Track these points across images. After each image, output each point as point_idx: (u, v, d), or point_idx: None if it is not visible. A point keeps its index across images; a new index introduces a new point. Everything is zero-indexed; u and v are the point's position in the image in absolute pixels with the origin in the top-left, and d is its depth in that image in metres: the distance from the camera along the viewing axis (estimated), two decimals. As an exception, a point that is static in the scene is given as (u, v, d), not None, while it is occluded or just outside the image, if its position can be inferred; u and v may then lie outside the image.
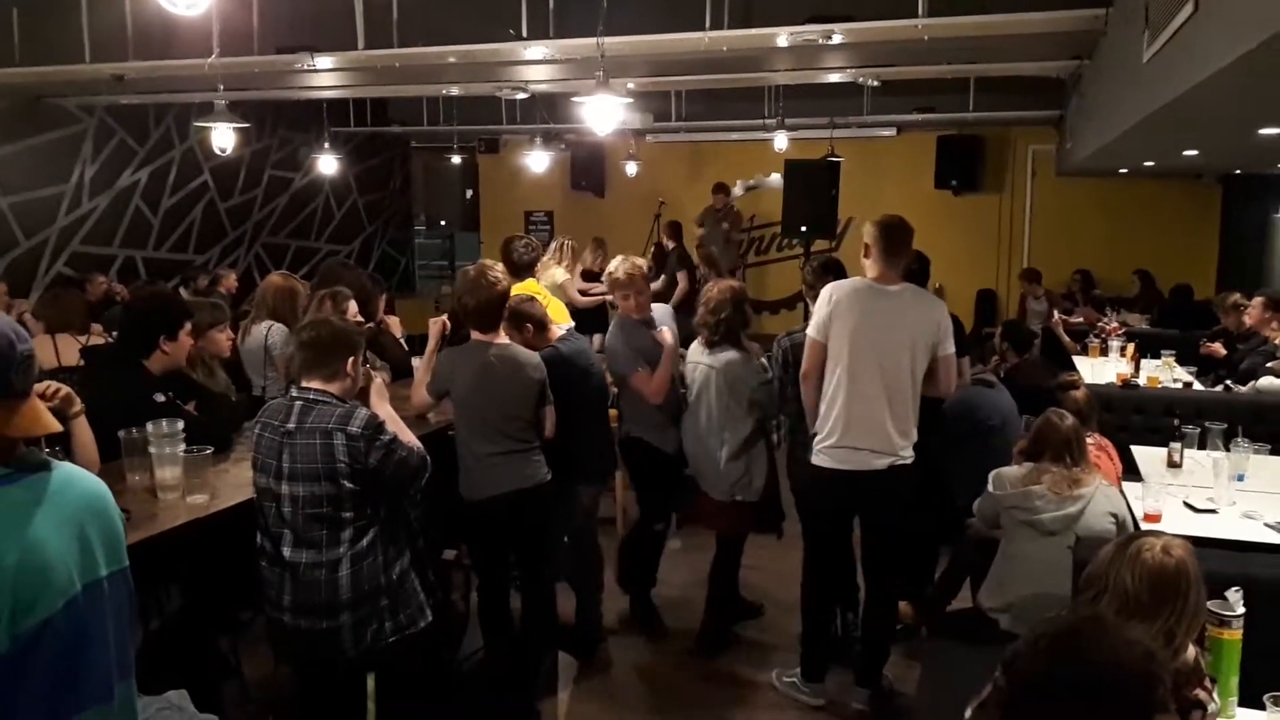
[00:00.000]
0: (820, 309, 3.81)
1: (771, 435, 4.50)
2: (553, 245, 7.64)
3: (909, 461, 3.78)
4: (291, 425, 2.92)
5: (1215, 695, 2.22)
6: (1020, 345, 6.21)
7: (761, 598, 4.91)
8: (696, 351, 4.42)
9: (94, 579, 1.63)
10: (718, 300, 4.32)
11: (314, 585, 2.94)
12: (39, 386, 2.93)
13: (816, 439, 3.83)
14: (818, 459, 3.82)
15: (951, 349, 3.81)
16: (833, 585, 4.11)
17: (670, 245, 9.70)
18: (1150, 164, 7.78)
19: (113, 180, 9.06)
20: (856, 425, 3.72)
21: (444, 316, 4.16)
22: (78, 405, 2.95)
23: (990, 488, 3.65)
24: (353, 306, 4.53)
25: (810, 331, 3.85)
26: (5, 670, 1.49)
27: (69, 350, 5.09)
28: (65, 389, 2.98)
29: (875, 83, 7.72)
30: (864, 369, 3.71)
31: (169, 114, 9.42)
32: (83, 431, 3.04)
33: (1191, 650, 2.23)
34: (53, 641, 1.54)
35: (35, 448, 1.67)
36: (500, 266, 3.95)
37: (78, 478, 1.68)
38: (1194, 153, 6.26)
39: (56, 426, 1.75)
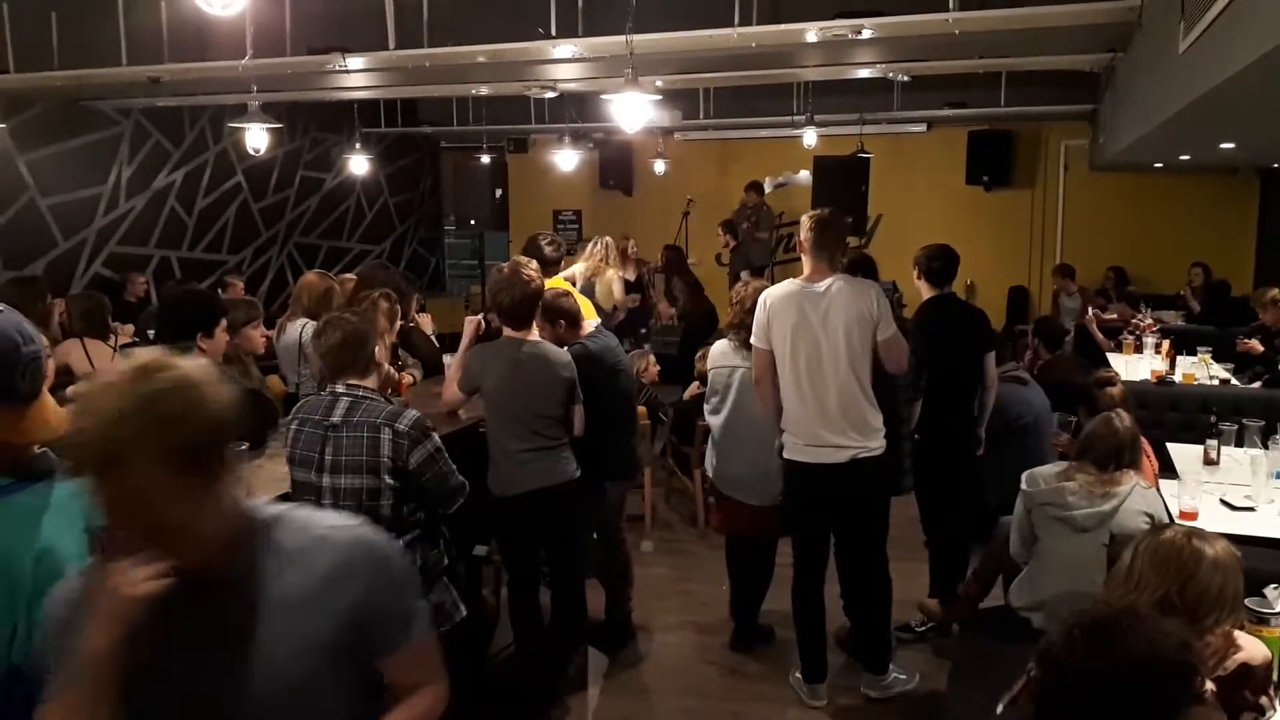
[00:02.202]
0: (758, 317, 3.89)
1: None
2: (593, 246, 7.73)
3: (875, 453, 3.81)
4: (337, 419, 2.98)
5: (1276, 703, 2.19)
6: (1052, 342, 6.16)
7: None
8: (728, 354, 4.37)
9: None
10: (753, 300, 4.27)
11: (348, 580, 2.97)
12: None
13: (784, 435, 3.90)
14: (787, 453, 3.90)
15: (891, 330, 3.80)
16: (816, 584, 4.06)
17: (732, 244, 9.65)
18: (1186, 158, 7.67)
19: (149, 181, 9.18)
20: (812, 422, 3.78)
21: (480, 315, 4.18)
22: None
23: (1024, 486, 3.61)
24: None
25: (754, 341, 3.92)
26: (22, 682, 1.45)
27: (99, 353, 5.15)
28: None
29: (905, 78, 7.67)
30: (808, 367, 3.77)
31: (204, 116, 9.54)
32: None
33: (1261, 652, 2.20)
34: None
35: (48, 450, 1.61)
36: (534, 264, 3.98)
37: None
38: (1231, 145, 6.16)
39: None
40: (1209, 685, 2.06)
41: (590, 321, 4.41)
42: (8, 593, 1.44)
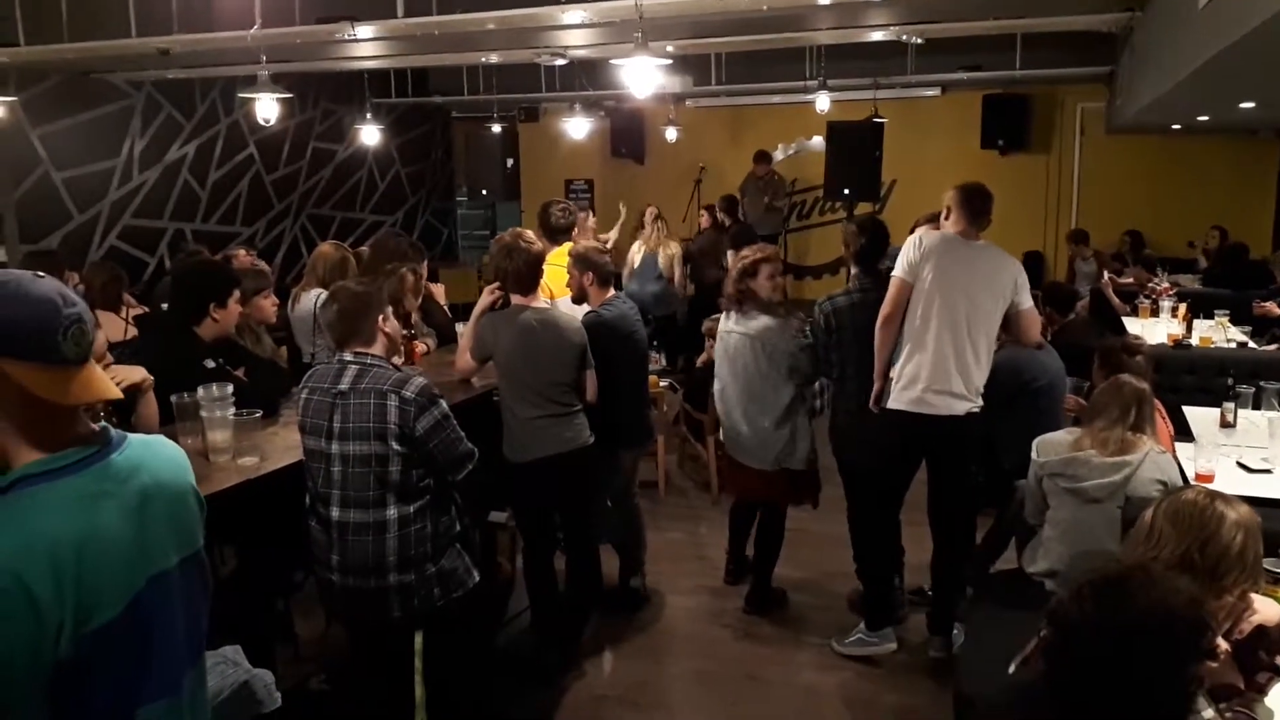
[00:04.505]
0: (908, 252, 3.88)
1: (813, 401, 4.48)
2: (652, 221, 8.00)
3: (979, 409, 3.86)
4: (345, 386, 2.99)
5: None
6: (1062, 307, 6.11)
7: (806, 562, 4.92)
8: (725, 322, 4.44)
9: (162, 570, 1.53)
10: (742, 267, 4.35)
11: (361, 546, 3.01)
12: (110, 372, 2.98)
13: (895, 383, 3.88)
14: (896, 403, 3.88)
15: (1030, 302, 3.96)
16: (894, 535, 4.17)
17: (727, 222, 9.62)
18: (1204, 119, 7.55)
19: (161, 154, 9.20)
20: (943, 370, 3.80)
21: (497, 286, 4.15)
22: (148, 380, 2.98)
23: (1034, 455, 3.59)
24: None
25: (898, 272, 3.89)
26: (69, 674, 1.38)
27: (110, 324, 5.18)
28: (137, 374, 3.02)
29: (919, 40, 7.56)
30: (954, 315, 3.80)
31: (214, 88, 9.53)
32: (149, 406, 3.10)
33: (1277, 612, 2.20)
34: (117, 641, 1.44)
35: (107, 426, 1.53)
36: (530, 233, 4.01)
37: (150, 457, 1.56)
38: (1251, 105, 6.06)
39: (115, 393, 1.55)
40: (1223, 645, 2.06)
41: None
42: (55, 586, 1.36)
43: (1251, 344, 6.67)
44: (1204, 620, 1.57)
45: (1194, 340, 6.49)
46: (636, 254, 8.19)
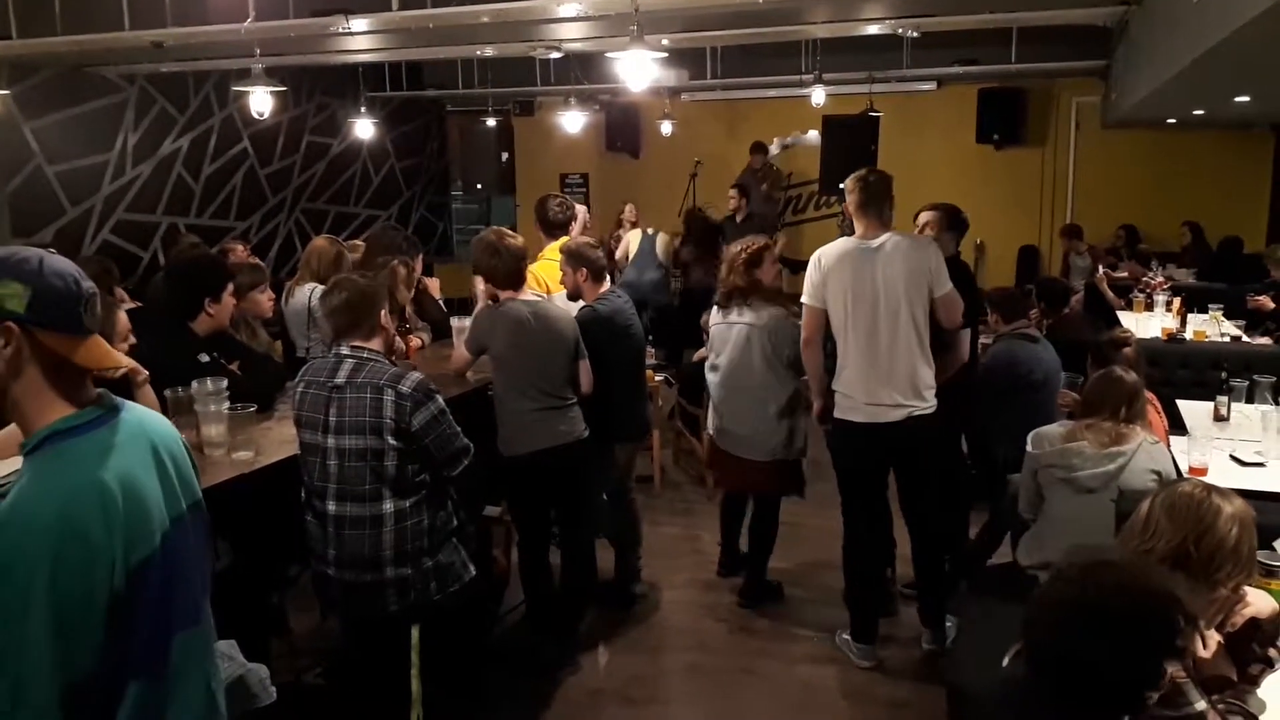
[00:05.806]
0: (811, 275, 3.86)
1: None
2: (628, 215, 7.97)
3: (928, 411, 3.81)
4: (341, 380, 2.99)
5: None
6: (1055, 301, 6.12)
7: (801, 555, 4.93)
8: (723, 314, 4.42)
9: (179, 513, 1.70)
10: (723, 264, 4.41)
11: (357, 539, 3.01)
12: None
13: (837, 395, 3.88)
14: (839, 413, 3.88)
15: (948, 286, 3.81)
16: (872, 542, 4.12)
17: (745, 207, 9.64)
18: (1200, 113, 7.56)
19: (155, 148, 9.15)
20: (869, 381, 3.78)
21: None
22: (144, 374, 3.04)
23: (1029, 447, 3.60)
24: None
25: (805, 299, 3.89)
26: (120, 608, 1.54)
27: None
28: (131, 363, 3.05)
29: (914, 34, 7.55)
30: (867, 325, 3.76)
31: (208, 81, 9.48)
32: (147, 398, 3.12)
33: (1269, 606, 2.21)
34: (154, 575, 1.61)
35: (106, 390, 1.70)
36: (507, 230, 4.03)
37: (149, 418, 1.75)
38: (1246, 99, 6.08)
39: (125, 361, 1.76)
40: (1216, 636, 2.07)
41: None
42: (105, 526, 1.51)
43: (1245, 338, 6.69)
44: (1173, 619, 1.56)
45: (1188, 334, 6.51)
46: (633, 240, 8.17)
